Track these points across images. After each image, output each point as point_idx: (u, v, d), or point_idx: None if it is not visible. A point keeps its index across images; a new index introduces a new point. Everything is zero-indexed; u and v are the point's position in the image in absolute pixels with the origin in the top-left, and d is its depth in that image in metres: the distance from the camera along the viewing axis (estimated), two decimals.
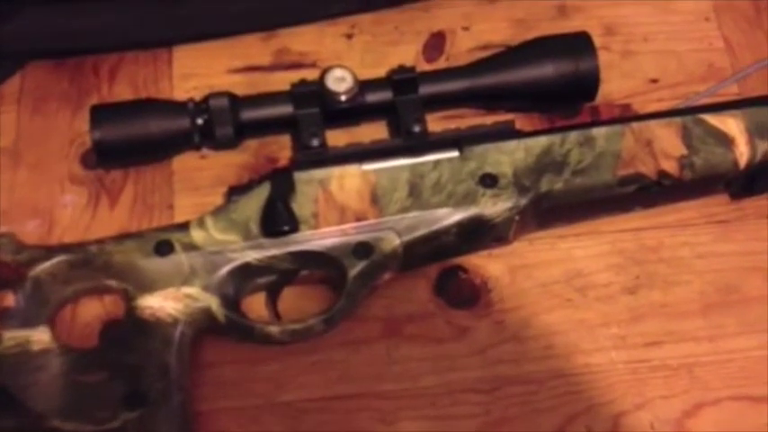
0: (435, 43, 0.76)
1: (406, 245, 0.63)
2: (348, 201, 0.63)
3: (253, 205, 0.63)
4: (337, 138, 0.67)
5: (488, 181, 0.64)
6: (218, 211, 0.63)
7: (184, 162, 0.70)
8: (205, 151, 0.70)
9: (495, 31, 0.76)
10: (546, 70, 0.68)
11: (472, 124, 0.68)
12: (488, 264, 0.67)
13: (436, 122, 0.69)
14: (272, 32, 0.76)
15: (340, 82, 0.66)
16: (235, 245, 0.62)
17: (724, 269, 0.67)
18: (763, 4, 0.78)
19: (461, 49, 0.76)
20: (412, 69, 0.68)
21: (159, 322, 0.59)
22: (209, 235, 0.62)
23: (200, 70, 0.74)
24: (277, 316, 0.63)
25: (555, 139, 0.66)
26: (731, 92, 0.74)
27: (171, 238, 0.62)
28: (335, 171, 0.64)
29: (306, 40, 0.76)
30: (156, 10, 0.73)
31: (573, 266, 0.67)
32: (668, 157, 0.65)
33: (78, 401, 0.57)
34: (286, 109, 0.67)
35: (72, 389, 0.58)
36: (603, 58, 0.70)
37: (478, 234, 0.65)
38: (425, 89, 0.68)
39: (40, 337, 0.59)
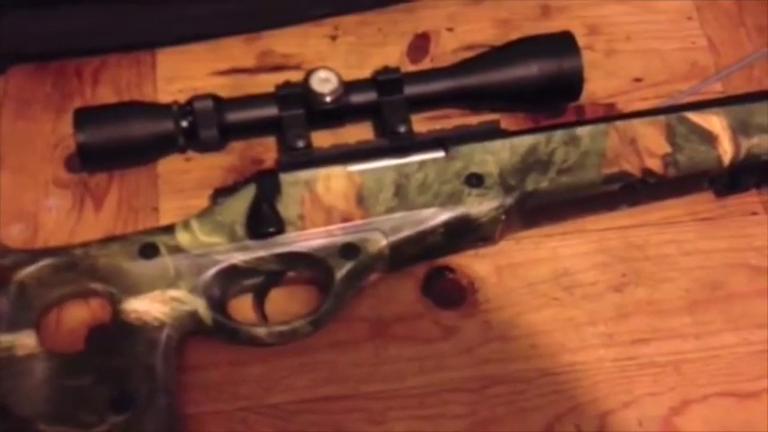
0: (420, 44, 0.76)
1: (392, 245, 0.63)
2: (334, 202, 0.63)
3: (238, 207, 0.63)
4: (322, 139, 0.67)
5: (474, 181, 0.64)
6: (203, 214, 0.63)
7: (169, 165, 0.70)
8: (190, 154, 0.70)
9: (479, 31, 0.77)
10: (530, 70, 0.68)
11: (457, 124, 0.68)
12: (475, 263, 0.67)
13: (421, 123, 0.69)
14: (256, 34, 0.76)
15: (324, 83, 0.66)
16: (220, 247, 0.61)
17: (709, 266, 0.67)
18: (744, 2, 0.79)
19: (446, 50, 0.76)
20: (397, 70, 0.68)
21: (145, 326, 0.59)
22: (195, 237, 0.61)
23: (184, 73, 0.74)
24: (264, 318, 0.63)
25: (540, 138, 0.66)
26: (715, 90, 0.74)
27: (156, 241, 0.61)
28: (321, 172, 0.64)
29: (290, 41, 0.75)
30: (140, 12, 0.73)
31: (559, 265, 0.67)
32: (652, 155, 0.65)
33: (64, 406, 0.57)
34: (271, 111, 0.67)
35: (58, 393, 0.57)
36: (587, 57, 0.70)
37: (465, 234, 0.65)
38: (410, 90, 0.68)
39: (26, 341, 0.59)
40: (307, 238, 0.62)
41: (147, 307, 0.60)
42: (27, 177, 0.69)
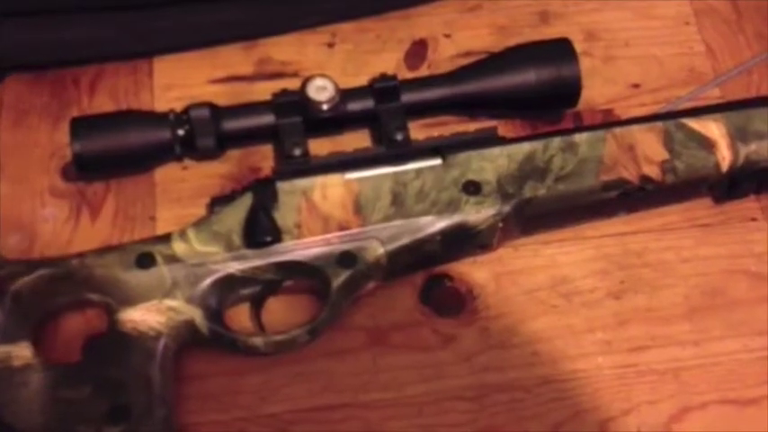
0: (417, 51, 0.76)
1: (389, 254, 0.62)
2: (331, 210, 0.63)
3: (235, 216, 0.62)
4: (320, 147, 0.67)
5: (472, 188, 0.64)
6: (200, 223, 0.63)
7: (166, 173, 0.69)
8: (187, 162, 0.69)
9: (477, 38, 0.76)
10: (528, 77, 0.68)
11: (455, 131, 0.68)
12: (473, 271, 0.67)
13: (419, 130, 0.69)
14: (253, 42, 0.76)
15: (321, 91, 0.66)
16: (217, 256, 0.61)
17: (708, 273, 0.67)
18: (743, 8, 0.79)
19: (443, 57, 0.75)
20: (394, 77, 0.68)
21: (142, 336, 0.59)
22: (191, 247, 0.61)
23: (182, 81, 0.74)
24: (261, 327, 0.63)
25: (538, 145, 0.66)
26: (713, 96, 0.74)
27: (152, 251, 0.61)
28: (318, 180, 0.64)
29: (287, 49, 0.75)
30: (137, 21, 0.73)
31: (558, 272, 0.67)
32: (650, 161, 0.65)
33: (61, 417, 0.57)
34: (268, 119, 0.67)
35: (54, 404, 0.57)
36: (585, 63, 0.70)
37: (462, 241, 0.64)
38: (407, 97, 0.68)
39: (22, 352, 0.58)
40: (304, 247, 0.62)
41: (144, 317, 0.59)
42: (24, 187, 0.69)
